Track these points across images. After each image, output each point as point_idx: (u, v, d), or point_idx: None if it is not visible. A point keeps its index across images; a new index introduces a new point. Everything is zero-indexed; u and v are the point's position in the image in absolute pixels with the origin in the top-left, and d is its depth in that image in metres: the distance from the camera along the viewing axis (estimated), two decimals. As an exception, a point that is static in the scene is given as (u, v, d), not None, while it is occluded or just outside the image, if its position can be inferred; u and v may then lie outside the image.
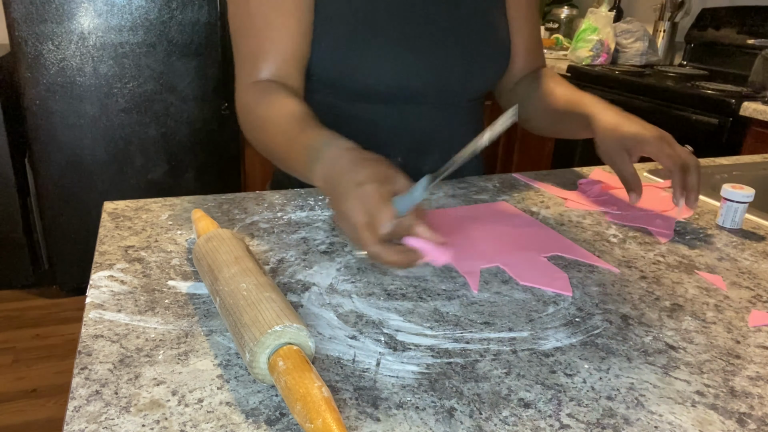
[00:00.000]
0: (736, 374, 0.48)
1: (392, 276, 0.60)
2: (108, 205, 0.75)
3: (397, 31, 0.81)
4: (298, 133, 0.66)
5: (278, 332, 0.42)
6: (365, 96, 0.84)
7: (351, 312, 0.54)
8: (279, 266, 0.61)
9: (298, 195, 0.82)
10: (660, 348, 0.51)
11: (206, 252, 0.54)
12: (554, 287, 0.60)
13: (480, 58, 0.87)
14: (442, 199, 0.83)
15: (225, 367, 0.45)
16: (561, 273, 0.63)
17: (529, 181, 0.93)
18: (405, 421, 0.40)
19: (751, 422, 0.43)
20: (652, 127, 0.78)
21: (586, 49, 2.41)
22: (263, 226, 0.71)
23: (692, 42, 2.42)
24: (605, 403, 0.43)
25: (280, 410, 0.41)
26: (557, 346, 0.50)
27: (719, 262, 0.68)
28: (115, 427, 0.39)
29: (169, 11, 2.02)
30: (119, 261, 0.60)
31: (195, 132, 2.20)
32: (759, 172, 1.05)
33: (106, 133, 2.08)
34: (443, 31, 0.84)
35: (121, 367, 0.44)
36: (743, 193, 0.76)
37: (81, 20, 1.94)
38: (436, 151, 0.90)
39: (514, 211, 0.79)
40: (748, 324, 0.55)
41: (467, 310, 0.55)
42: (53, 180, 2.08)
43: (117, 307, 0.52)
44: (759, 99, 1.70)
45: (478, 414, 0.42)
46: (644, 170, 1.01)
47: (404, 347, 0.49)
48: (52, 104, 1.99)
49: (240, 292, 0.47)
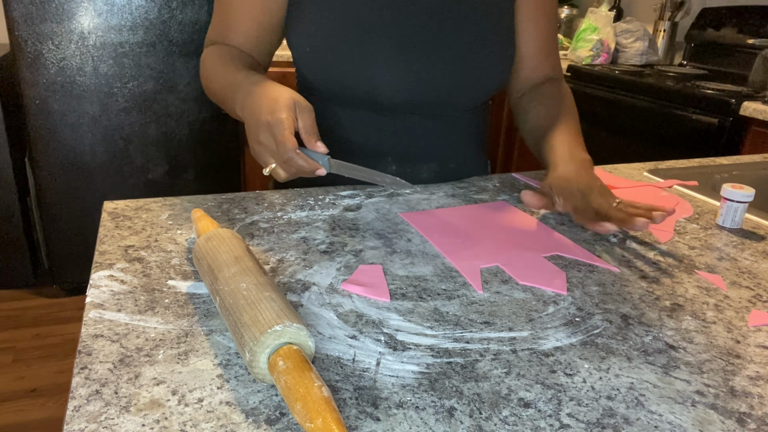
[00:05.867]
0: (736, 374, 0.48)
1: (392, 276, 0.60)
2: (108, 204, 0.75)
3: (392, 43, 0.80)
4: (231, 77, 0.76)
5: (278, 332, 0.42)
6: (361, 105, 0.84)
7: (351, 312, 0.54)
8: (279, 266, 0.61)
9: (298, 195, 0.82)
10: (660, 348, 0.51)
11: (206, 252, 0.54)
12: (552, 286, 0.60)
13: (474, 71, 0.85)
14: (442, 199, 0.83)
15: (225, 367, 0.45)
16: (560, 272, 0.63)
17: (529, 181, 0.93)
18: (405, 421, 0.40)
19: (751, 422, 0.43)
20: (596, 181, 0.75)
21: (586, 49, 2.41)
22: (263, 225, 0.71)
23: (692, 42, 2.42)
24: (605, 403, 0.43)
25: (280, 410, 0.41)
26: (557, 345, 0.50)
27: (719, 262, 0.68)
28: (115, 426, 0.39)
29: (169, 11, 2.02)
30: (119, 261, 0.60)
31: (195, 132, 2.20)
32: (759, 172, 1.05)
33: (106, 132, 2.08)
34: (438, 43, 0.82)
35: (121, 366, 0.44)
36: (743, 192, 0.76)
37: (81, 20, 1.94)
38: (433, 160, 0.89)
39: (514, 211, 0.79)
40: (748, 324, 0.55)
41: (467, 309, 0.55)
42: (53, 180, 2.08)
43: (117, 306, 0.52)
44: (759, 99, 1.70)
45: (478, 414, 0.42)
46: (644, 170, 1.01)
47: (404, 347, 0.49)
48: (52, 104, 1.99)
49: (240, 292, 0.47)
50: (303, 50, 0.83)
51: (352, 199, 0.81)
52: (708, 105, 1.75)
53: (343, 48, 0.79)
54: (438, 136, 0.88)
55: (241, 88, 0.71)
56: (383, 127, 0.86)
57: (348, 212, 0.76)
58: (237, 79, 0.74)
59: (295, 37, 0.83)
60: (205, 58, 0.86)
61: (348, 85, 0.81)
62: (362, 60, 0.79)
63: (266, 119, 0.64)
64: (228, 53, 0.83)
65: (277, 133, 0.63)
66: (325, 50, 0.80)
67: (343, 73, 0.80)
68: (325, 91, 0.84)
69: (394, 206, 0.79)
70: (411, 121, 0.86)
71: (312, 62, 0.82)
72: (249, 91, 0.69)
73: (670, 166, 1.04)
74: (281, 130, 0.63)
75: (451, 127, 0.89)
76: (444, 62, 0.82)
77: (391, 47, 0.80)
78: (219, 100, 0.81)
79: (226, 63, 0.80)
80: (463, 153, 0.92)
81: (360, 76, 0.80)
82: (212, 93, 0.83)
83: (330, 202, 0.80)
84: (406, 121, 0.86)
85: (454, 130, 0.90)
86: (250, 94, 0.68)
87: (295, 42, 0.84)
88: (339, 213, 0.76)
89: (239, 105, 0.71)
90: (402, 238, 0.69)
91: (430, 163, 0.89)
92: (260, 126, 0.65)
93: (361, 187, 0.86)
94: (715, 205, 0.86)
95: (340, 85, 0.82)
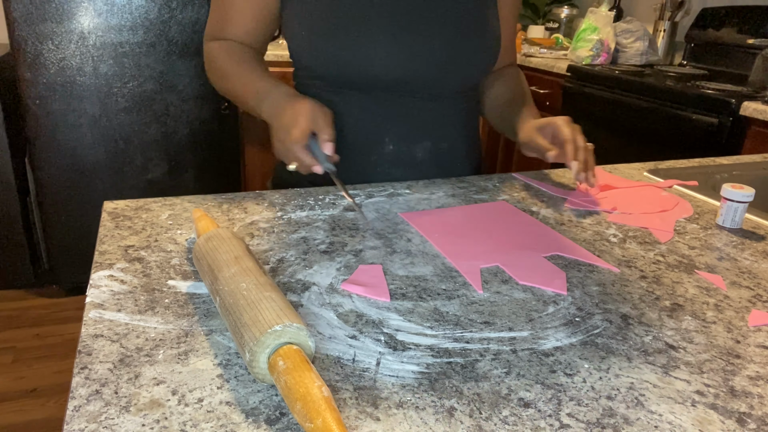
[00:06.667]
0: (736, 374, 0.48)
1: (392, 276, 0.60)
2: (108, 204, 0.75)
3: (387, 23, 0.84)
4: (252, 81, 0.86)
5: (278, 332, 0.42)
6: (356, 86, 0.88)
7: (351, 312, 0.54)
8: (279, 266, 0.61)
9: (298, 195, 0.82)
10: (660, 348, 0.51)
11: (206, 251, 0.54)
12: (551, 286, 0.60)
13: (464, 51, 0.89)
14: (443, 199, 0.83)
15: (225, 367, 0.45)
16: (560, 272, 0.63)
17: (529, 181, 0.93)
18: (405, 421, 0.40)
19: (751, 422, 0.43)
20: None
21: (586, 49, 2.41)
22: (263, 225, 0.71)
23: (692, 42, 2.42)
24: (605, 403, 0.43)
25: (280, 410, 0.41)
26: (557, 345, 0.50)
27: (719, 262, 0.68)
28: (115, 426, 0.39)
29: (169, 11, 2.02)
30: (119, 261, 0.60)
31: (195, 132, 2.20)
32: (759, 172, 1.05)
33: (106, 132, 2.08)
34: (433, 23, 0.86)
35: (121, 366, 0.44)
36: (743, 192, 0.76)
37: (81, 20, 1.94)
38: (427, 140, 0.93)
39: (514, 211, 0.79)
40: (748, 324, 0.55)
41: (467, 309, 0.55)
42: (53, 180, 2.08)
43: (117, 306, 0.52)
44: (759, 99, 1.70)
45: (478, 414, 0.42)
46: (644, 170, 1.01)
47: (404, 347, 0.49)
48: (52, 104, 1.99)
49: (240, 292, 0.47)
50: (299, 35, 0.87)
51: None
52: (708, 105, 1.75)
53: (339, 30, 0.84)
54: (431, 117, 0.92)
55: (269, 96, 0.82)
56: (380, 109, 0.90)
57: (348, 212, 0.76)
58: (262, 87, 0.84)
59: (292, 23, 0.88)
60: (214, 55, 0.92)
61: (344, 66, 0.85)
62: (357, 41, 0.84)
63: (287, 122, 0.75)
64: (237, 52, 0.90)
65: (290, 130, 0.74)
66: (321, 34, 0.84)
67: (339, 55, 0.84)
68: (323, 74, 0.88)
69: (394, 206, 0.79)
70: (405, 103, 0.90)
71: (309, 46, 0.86)
72: (276, 100, 0.81)
73: (670, 166, 1.04)
74: (294, 127, 0.74)
75: (443, 108, 0.93)
76: (434, 43, 0.86)
77: (383, 29, 0.84)
78: (233, 97, 0.91)
79: (240, 63, 0.89)
80: (456, 134, 0.97)
81: (355, 57, 0.84)
82: (226, 91, 0.92)
83: (330, 202, 0.80)
84: (401, 103, 0.90)
85: (447, 112, 0.94)
86: (276, 103, 0.80)
87: (292, 28, 0.88)
88: (339, 213, 0.76)
89: (266, 110, 0.82)
90: (402, 238, 0.69)
91: (425, 142, 0.93)
92: (281, 128, 0.76)
93: (361, 187, 0.86)
94: (715, 205, 0.86)
95: (336, 66, 0.85)
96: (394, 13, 0.84)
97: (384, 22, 0.84)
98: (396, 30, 0.84)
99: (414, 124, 0.91)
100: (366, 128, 0.90)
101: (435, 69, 0.87)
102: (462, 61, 0.89)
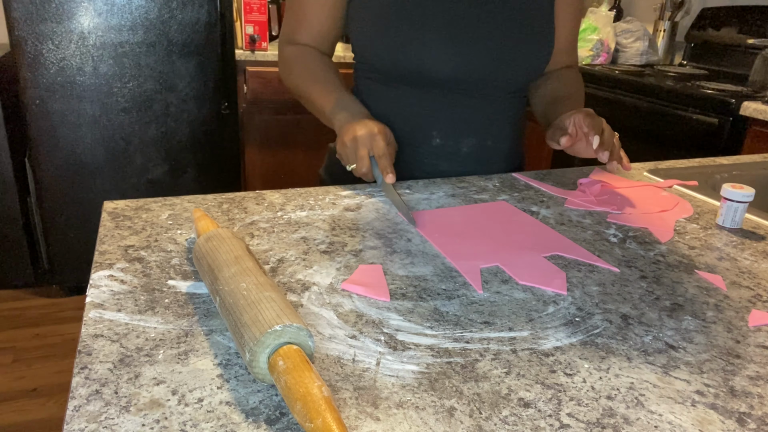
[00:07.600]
0: (736, 374, 0.48)
1: (392, 276, 0.60)
2: (108, 204, 0.75)
3: (442, 24, 0.89)
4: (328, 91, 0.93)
5: (278, 332, 0.42)
6: (409, 82, 0.93)
7: (351, 311, 0.54)
8: (279, 266, 0.61)
9: (298, 195, 0.82)
10: (660, 348, 0.51)
11: (206, 251, 0.54)
12: (551, 286, 0.60)
13: (514, 54, 0.92)
14: (443, 199, 0.83)
15: (225, 367, 0.45)
16: (560, 272, 0.63)
17: (529, 180, 0.93)
18: (405, 421, 0.40)
19: (751, 422, 0.43)
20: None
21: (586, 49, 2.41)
22: (263, 225, 0.71)
23: (692, 42, 2.42)
24: (605, 403, 0.43)
25: (280, 410, 0.41)
26: (557, 345, 0.50)
27: (719, 262, 0.68)
28: (115, 426, 0.39)
29: (169, 11, 2.02)
30: (119, 260, 0.60)
31: (195, 132, 2.20)
32: (759, 171, 1.05)
33: (106, 132, 2.08)
34: (485, 26, 0.90)
35: (121, 366, 0.44)
36: (743, 192, 0.76)
37: (81, 20, 1.94)
38: (473, 136, 0.97)
39: (514, 211, 0.79)
40: (748, 324, 0.55)
41: (467, 309, 0.55)
42: (53, 180, 2.08)
43: (117, 306, 0.52)
44: (759, 99, 1.70)
45: (478, 413, 0.42)
46: (644, 170, 1.01)
47: (404, 347, 0.49)
48: (52, 104, 1.99)
49: (240, 292, 0.47)
50: (360, 30, 0.94)
51: (352, 199, 0.81)
52: (708, 105, 1.75)
53: (395, 29, 0.89)
54: (479, 114, 0.96)
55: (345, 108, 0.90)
56: (430, 105, 0.94)
57: (348, 212, 0.76)
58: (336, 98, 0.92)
59: (355, 18, 0.94)
60: (291, 60, 0.99)
61: (398, 63, 0.91)
62: (411, 40, 0.89)
63: (361, 133, 0.82)
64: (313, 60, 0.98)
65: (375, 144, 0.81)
66: (379, 30, 0.91)
67: (395, 52, 0.90)
68: (379, 68, 0.94)
69: (394, 206, 0.79)
70: (456, 100, 0.94)
71: (367, 42, 0.93)
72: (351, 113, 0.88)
73: (670, 166, 1.04)
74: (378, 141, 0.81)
75: (491, 107, 0.97)
76: (485, 44, 0.90)
77: (438, 30, 0.89)
78: (303, 98, 0.98)
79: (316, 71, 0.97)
80: (501, 132, 1.00)
81: (409, 55, 0.89)
82: (299, 94, 0.99)
83: (330, 202, 0.80)
84: (451, 99, 0.94)
85: (494, 111, 0.97)
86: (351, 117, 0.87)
87: (355, 23, 0.95)
88: (339, 213, 0.76)
89: (338, 117, 0.89)
90: (402, 238, 0.69)
91: (470, 137, 0.97)
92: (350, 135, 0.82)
93: (361, 187, 0.86)
94: (715, 205, 0.86)
95: (392, 62, 0.91)
96: (449, 15, 0.89)
97: (439, 23, 0.88)
98: (450, 31, 0.89)
99: (462, 121, 0.95)
100: (416, 122, 0.95)
101: (485, 70, 0.91)
102: (511, 64, 0.93)
